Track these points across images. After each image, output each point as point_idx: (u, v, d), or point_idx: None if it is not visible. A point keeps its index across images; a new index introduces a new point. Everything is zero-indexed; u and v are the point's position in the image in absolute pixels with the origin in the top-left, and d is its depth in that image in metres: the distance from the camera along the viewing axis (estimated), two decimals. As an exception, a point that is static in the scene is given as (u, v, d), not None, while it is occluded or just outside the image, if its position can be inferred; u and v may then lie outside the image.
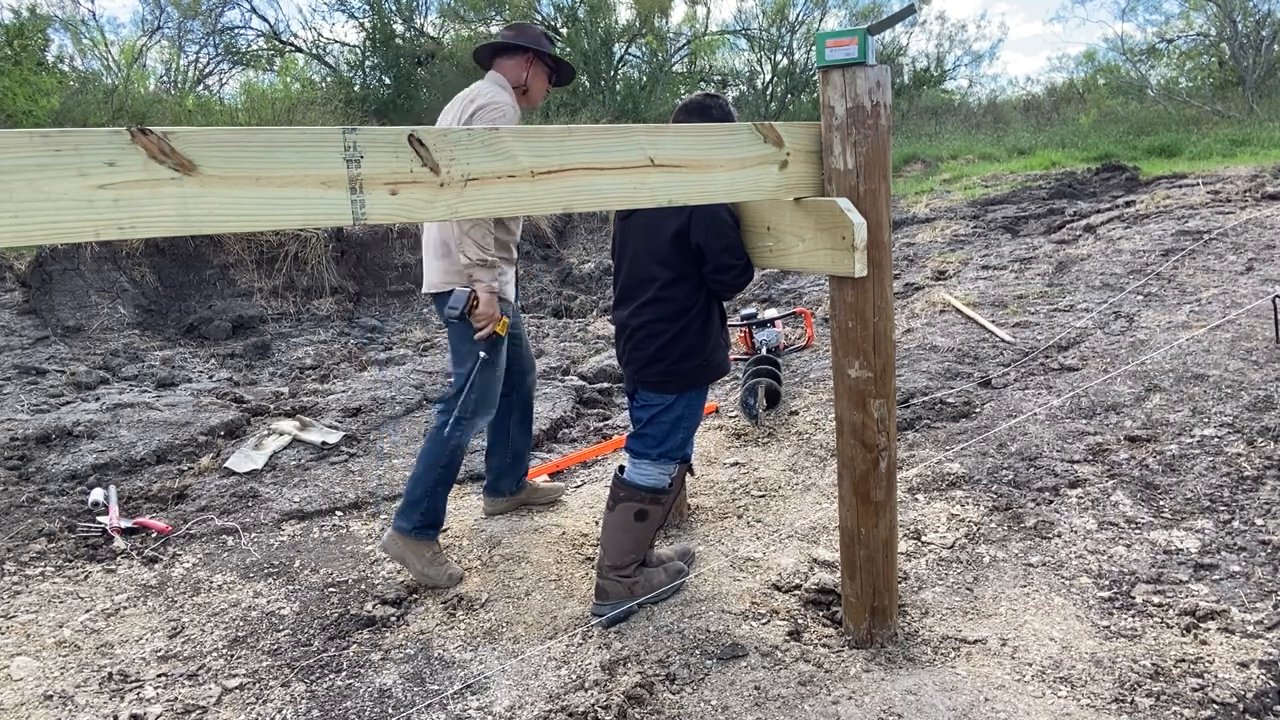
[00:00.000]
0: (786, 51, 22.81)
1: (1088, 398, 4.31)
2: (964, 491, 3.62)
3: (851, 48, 2.25)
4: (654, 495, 2.89)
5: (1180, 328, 5.07)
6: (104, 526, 3.81)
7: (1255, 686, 2.30)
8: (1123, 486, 3.47)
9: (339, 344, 7.63)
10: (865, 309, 2.41)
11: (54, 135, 1.48)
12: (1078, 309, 5.77)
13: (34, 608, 3.24)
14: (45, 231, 1.49)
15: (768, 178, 2.28)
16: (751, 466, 4.21)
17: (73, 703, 2.66)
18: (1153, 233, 7.32)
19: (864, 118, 2.30)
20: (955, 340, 5.49)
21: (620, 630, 2.85)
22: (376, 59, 17.04)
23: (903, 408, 4.53)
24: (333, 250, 8.75)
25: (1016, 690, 2.39)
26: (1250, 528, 3.06)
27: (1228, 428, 3.77)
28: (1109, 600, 2.77)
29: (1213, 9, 20.68)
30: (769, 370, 4.82)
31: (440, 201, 1.84)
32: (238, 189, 1.63)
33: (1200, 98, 19.47)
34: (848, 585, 2.68)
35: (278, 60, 18.77)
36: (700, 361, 2.82)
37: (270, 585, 3.39)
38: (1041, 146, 15.27)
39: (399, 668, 2.76)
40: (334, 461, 4.65)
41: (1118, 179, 10.55)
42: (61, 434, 4.81)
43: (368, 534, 3.83)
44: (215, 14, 17.84)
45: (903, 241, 9.05)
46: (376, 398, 5.56)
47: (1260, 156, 11.23)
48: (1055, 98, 24.35)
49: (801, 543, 3.37)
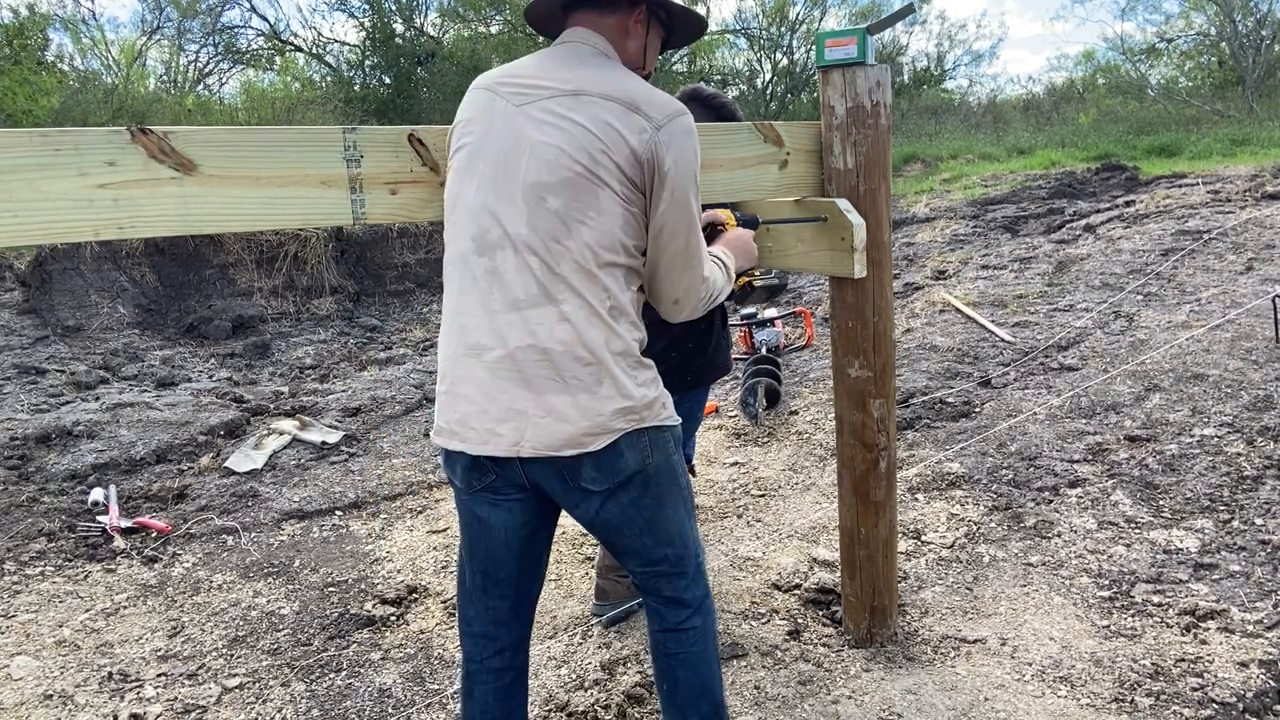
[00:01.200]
0: (786, 51, 22.81)
1: (1087, 397, 4.31)
2: (964, 491, 3.62)
3: (851, 47, 2.25)
4: None
5: (1180, 327, 5.07)
6: (104, 526, 3.81)
7: (1255, 686, 2.30)
8: (1122, 486, 3.47)
9: (339, 344, 7.63)
10: (865, 309, 2.41)
11: (54, 135, 1.48)
12: (1077, 309, 5.77)
13: (34, 607, 3.24)
14: (45, 231, 1.50)
15: (767, 177, 2.28)
16: (751, 466, 4.21)
17: (73, 702, 2.66)
18: (1152, 232, 7.32)
19: (864, 117, 2.30)
20: (955, 340, 5.49)
21: (620, 630, 2.85)
22: (376, 59, 17.03)
23: (903, 407, 4.53)
24: (333, 250, 8.75)
25: (1016, 690, 2.40)
26: (1250, 527, 3.06)
27: (1227, 427, 3.77)
28: (1109, 600, 2.77)
29: (1213, 9, 20.68)
30: (769, 370, 4.82)
31: (440, 201, 1.84)
32: (238, 189, 1.63)
33: (1200, 97, 19.46)
34: (848, 585, 2.68)
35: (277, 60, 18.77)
36: (704, 361, 2.82)
37: (270, 585, 3.39)
38: (1041, 146, 15.26)
39: (399, 667, 2.76)
40: (334, 461, 4.65)
41: (1117, 179, 10.54)
42: (61, 434, 4.81)
43: (368, 534, 3.83)
44: (215, 13, 17.84)
45: (902, 241, 9.04)
46: (376, 397, 5.56)
47: (1260, 156, 11.23)
48: (1055, 97, 24.34)
49: (801, 542, 3.37)
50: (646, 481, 1.75)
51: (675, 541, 1.84)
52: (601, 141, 1.63)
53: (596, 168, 1.62)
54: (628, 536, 1.81)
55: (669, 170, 1.66)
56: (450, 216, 1.76)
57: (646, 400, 1.71)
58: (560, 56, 1.76)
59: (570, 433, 1.65)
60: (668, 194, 1.67)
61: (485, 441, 1.68)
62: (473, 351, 1.69)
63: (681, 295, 1.78)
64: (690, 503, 1.90)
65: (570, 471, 1.70)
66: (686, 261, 1.74)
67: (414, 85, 16.39)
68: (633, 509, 1.77)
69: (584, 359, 1.65)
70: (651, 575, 1.87)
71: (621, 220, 1.66)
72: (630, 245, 1.69)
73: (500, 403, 1.67)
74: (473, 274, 1.69)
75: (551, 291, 1.64)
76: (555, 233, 1.63)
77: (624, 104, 1.65)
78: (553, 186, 1.63)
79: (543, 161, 1.63)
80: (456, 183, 1.74)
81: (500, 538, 1.81)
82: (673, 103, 1.71)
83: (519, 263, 1.65)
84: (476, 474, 1.75)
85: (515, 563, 1.85)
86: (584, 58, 1.74)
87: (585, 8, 1.80)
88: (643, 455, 1.73)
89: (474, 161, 1.71)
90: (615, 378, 1.67)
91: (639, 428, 1.70)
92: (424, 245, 9.28)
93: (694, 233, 1.73)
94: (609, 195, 1.64)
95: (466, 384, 1.70)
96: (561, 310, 1.64)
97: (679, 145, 1.67)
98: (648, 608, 1.94)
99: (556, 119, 1.65)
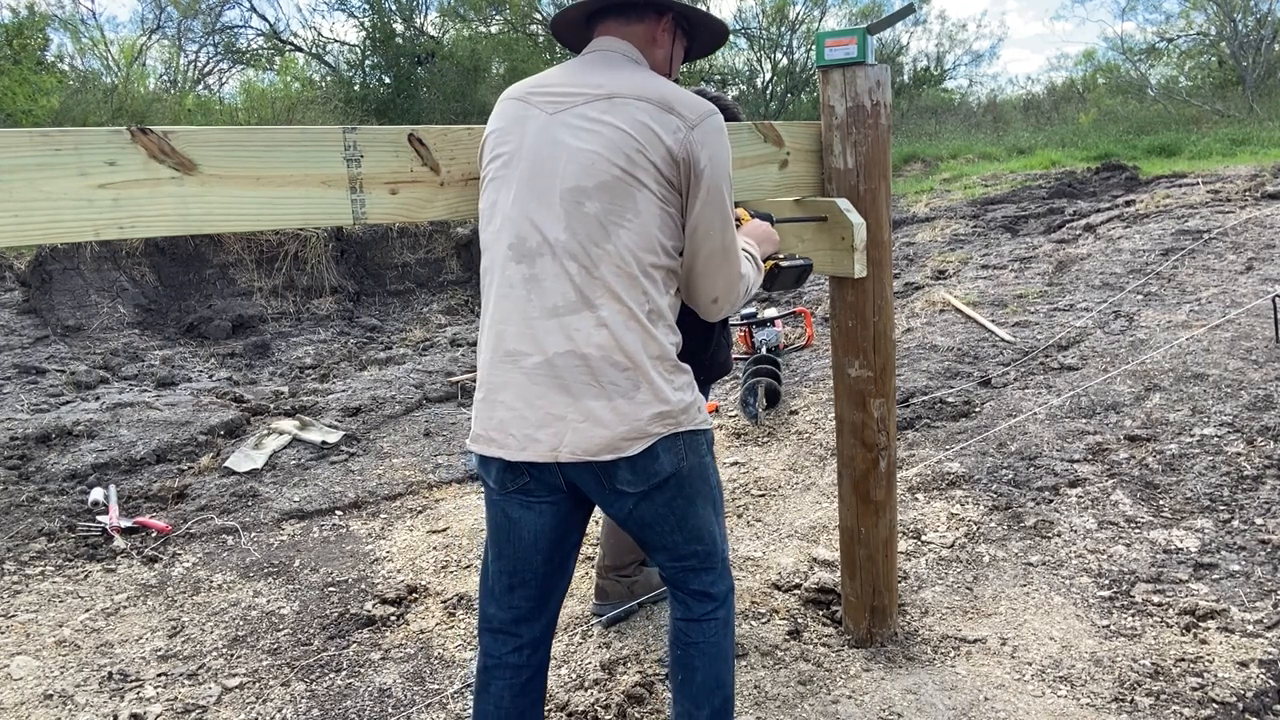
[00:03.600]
0: (786, 51, 22.81)
1: (1088, 397, 4.31)
2: (964, 491, 3.62)
3: (851, 47, 2.25)
4: None
5: (1180, 327, 5.07)
6: (104, 526, 3.81)
7: (1255, 686, 2.30)
8: (1122, 486, 3.47)
9: (339, 344, 7.63)
10: (865, 308, 2.41)
11: (54, 135, 1.48)
12: (1077, 308, 5.77)
13: (34, 607, 3.24)
14: (45, 231, 1.49)
15: (767, 177, 2.28)
16: (751, 466, 4.21)
17: (73, 702, 2.66)
18: (1152, 232, 7.32)
19: (864, 117, 2.30)
20: (955, 340, 5.49)
21: (620, 630, 2.86)
22: (376, 58, 17.02)
23: (903, 407, 4.53)
24: (333, 250, 8.75)
25: (1016, 689, 2.40)
26: (1250, 527, 3.06)
27: (1227, 427, 3.77)
28: (1109, 599, 2.77)
29: (1213, 8, 20.68)
30: (769, 370, 4.82)
31: (440, 201, 1.84)
32: (238, 188, 1.63)
33: (1200, 97, 19.46)
34: (848, 584, 2.68)
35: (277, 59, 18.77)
36: (705, 360, 2.82)
37: (270, 585, 3.39)
38: (1041, 146, 15.25)
39: (399, 667, 2.76)
40: (334, 461, 4.65)
41: (1117, 178, 10.54)
42: (61, 433, 4.81)
43: (367, 533, 3.83)
44: (215, 13, 17.85)
45: (902, 241, 9.04)
46: (376, 397, 5.56)
47: (1260, 156, 11.23)
48: (1055, 97, 24.34)
49: (801, 542, 3.37)
50: (680, 483, 1.77)
51: (704, 539, 1.87)
52: (638, 142, 1.64)
53: (634, 169, 1.64)
54: (659, 534, 1.83)
55: (705, 168, 1.67)
56: (487, 226, 1.76)
57: (683, 405, 1.72)
58: (591, 64, 1.77)
59: (608, 438, 1.66)
60: (704, 192, 1.68)
61: (524, 448, 1.69)
62: (510, 358, 1.70)
63: (720, 294, 1.79)
64: (720, 501, 1.93)
65: (606, 474, 1.71)
66: (724, 258, 1.75)
67: (414, 85, 16.38)
68: (665, 509, 1.79)
69: (621, 364, 1.65)
70: (679, 570, 1.89)
71: (659, 221, 1.67)
72: (669, 246, 1.70)
73: (539, 408, 1.67)
74: (510, 281, 1.69)
75: (589, 297, 1.65)
76: (594, 237, 1.64)
77: (658, 104, 1.66)
78: (590, 191, 1.64)
79: (580, 166, 1.65)
80: (493, 191, 1.75)
81: (530, 539, 1.82)
82: (704, 103, 1.72)
83: (557, 269, 1.65)
84: (511, 476, 1.76)
85: (543, 564, 1.86)
86: (614, 63, 1.76)
87: (611, 17, 1.81)
88: (678, 459, 1.74)
89: (510, 170, 1.71)
90: (653, 382, 1.68)
91: (675, 432, 1.72)
92: (424, 245, 9.28)
93: (729, 230, 1.75)
94: (646, 196, 1.65)
95: (504, 390, 1.71)
96: (599, 315, 1.64)
97: (713, 143, 1.69)
98: (673, 597, 1.96)
99: (592, 124, 1.66)
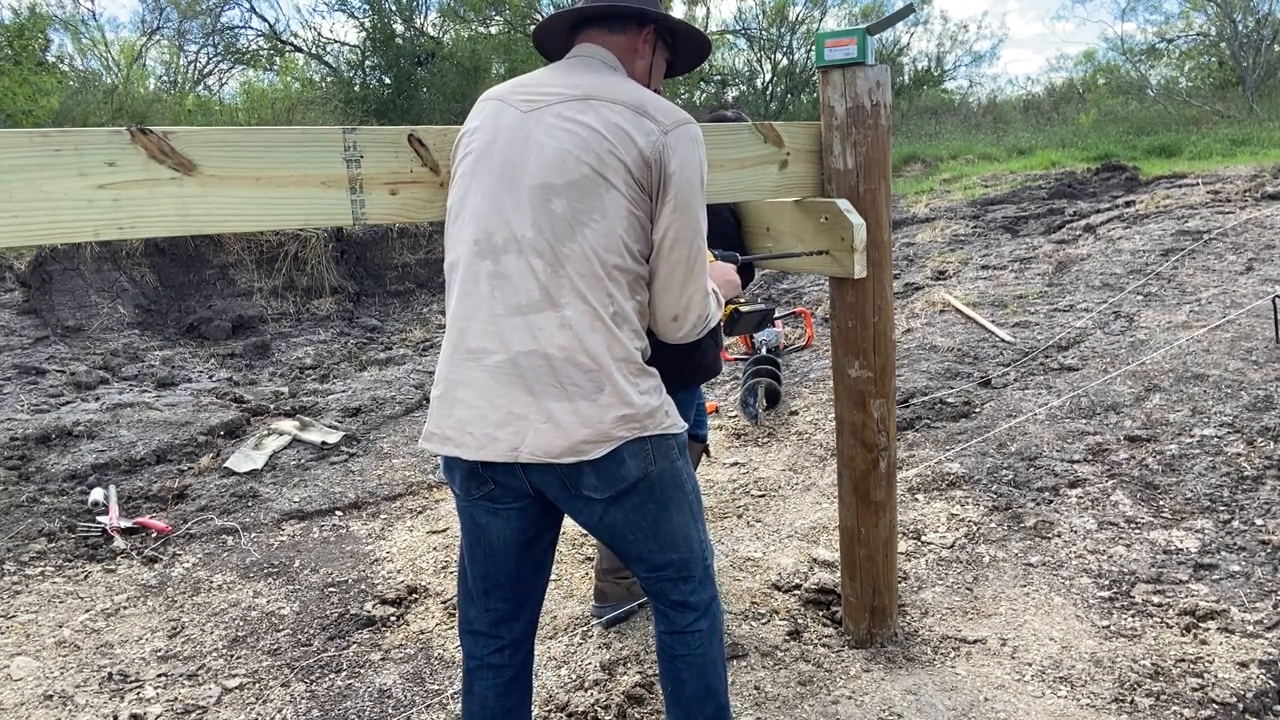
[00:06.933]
0: (786, 51, 22.80)
1: (1088, 398, 4.31)
2: (964, 491, 3.62)
3: (851, 48, 2.25)
4: None
5: (1180, 328, 5.07)
6: (104, 526, 3.81)
7: (1255, 686, 2.30)
8: (1122, 486, 3.47)
9: (339, 344, 7.63)
10: (865, 309, 2.41)
11: (54, 135, 1.48)
12: (1078, 309, 5.77)
13: (34, 608, 3.24)
14: (45, 231, 1.49)
15: (767, 177, 2.28)
16: (751, 466, 4.21)
17: (73, 703, 2.66)
18: (1152, 232, 7.32)
19: (864, 118, 2.30)
20: (955, 340, 5.49)
21: (620, 630, 2.85)
22: (376, 59, 17.02)
23: (903, 407, 4.53)
24: (333, 250, 8.75)
25: (1016, 690, 2.40)
26: (1250, 527, 3.06)
27: (1227, 427, 3.77)
28: (1109, 600, 2.77)
29: (1213, 9, 20.68)
30: (769, 370, 4.82)
31: (440, 201, 1.84)
32: (238, 189, 1.63)
33: (1200, 97, 19.45)
34: (848, 585, 2.68)
35: (277, 60, 18.76)
36: (693, 363, 2.81)
37: (270, 585, 3.39)
38: (1041, 146, 15.24)
39: (399, 668, 2.76)
40: (334, 461, 4.65)
41: (1118, 179, 10.53)
42: (61, 434, 4.81)
43: (368, 534, 3.83)
44: (215, 13, 17.84)
45: (902, 241, 9.04)
46: (376, 398, 5.56)
47: (1260, 156, 11.22)
48: (1055, 97, 24.33)
49: (801, 543, 3.37)
50: (650, 489, 1.74)
51: (680, 546, 1.83)
52: (610, 141, 1.63)
53: (604, 168, 1.63)
54: (632, 542, 1.79)
55: (674, 173, 1.66)
56: (454, 222, 1.74)
57: (649, 408, 1.69)
58: (571, 67, 1.78)
59: (569, 440, 1.63)
60: (672, 198, 1.67)
61: (482, 446, 1.65)
62: (472, 355, 1.68)
63: (681, 310, 1.74)
64: (698, 506, 1.89)
65: (571, 479, 1.68)
66: (689, 272, 1.72)
67: (414, 85, 16.38)
68: (636, 515, 1.75)
69: (585, 365, 1.63)
70: (657, 580, 1.86)
71: (626, 224, 1.65)
72: (634, 250, 1.67)
73: (500, 407, 1.65)
74: (474, 277, 1.67)
75: (554, 296, 1.63)
76: (561, 235, 1.63)
77: (633, 108, 1.67)
78: (559, 188, 1.63)
79: (550, 163, 1.64)
80: (461, 188, 1.73)
81: (500, 545, 1.80)
82: (681, 112, 1.72)
83: (523, 266, 1.64)
84: (475, 482, 1.74)
85: (516, 568, 1.84)
86: (593, 68, 1.77)
87: (594, 27, 1.82)
88: (645, 463, 1.71)
89: (479, 166, 1.70)
90: (617, 385, 1.65)
91: (641, 436, 1.69)
92: (424, 245, 9.28)
93: (698, 242, 1.72)
94: (615, 197, 1.64)
95: (464, 388, 1.68)
96: (563, 315, 1.62)
97: (685, 150, 1.68)
98: (655, 610, 1.93)
99: (566, 123, 1.66)
